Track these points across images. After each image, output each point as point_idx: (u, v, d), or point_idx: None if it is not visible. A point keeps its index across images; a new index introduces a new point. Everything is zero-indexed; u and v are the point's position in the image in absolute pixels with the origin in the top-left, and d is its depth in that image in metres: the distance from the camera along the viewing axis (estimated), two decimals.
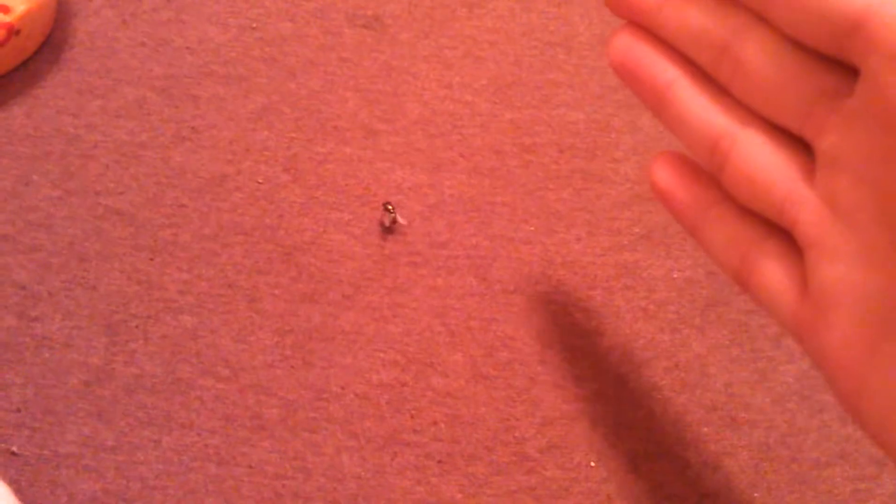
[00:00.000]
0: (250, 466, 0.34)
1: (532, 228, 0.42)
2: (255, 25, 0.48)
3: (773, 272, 0.27)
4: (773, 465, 0.36)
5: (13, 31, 0.43)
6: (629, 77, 0.30)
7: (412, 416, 0.36)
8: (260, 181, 0.42)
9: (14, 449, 0.34)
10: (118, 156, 0.42)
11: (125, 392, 0.35)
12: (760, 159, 0.27)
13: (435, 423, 0.36)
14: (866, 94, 0.23)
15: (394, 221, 0.41)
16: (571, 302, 0.40)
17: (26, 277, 0.38)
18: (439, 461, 0.35)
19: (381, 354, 0.37)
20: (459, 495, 0.35)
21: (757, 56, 0.26)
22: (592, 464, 0.36)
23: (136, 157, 0.42)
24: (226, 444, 0.34)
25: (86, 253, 0.39)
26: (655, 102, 0.30)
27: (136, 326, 0.37)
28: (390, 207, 0.40)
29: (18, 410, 0.34)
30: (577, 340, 0.39)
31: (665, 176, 0.31)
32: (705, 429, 0.37)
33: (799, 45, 0.25)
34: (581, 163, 0.44)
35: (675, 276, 0.41)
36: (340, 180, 0.42)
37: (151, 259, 0.39)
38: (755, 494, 0.36)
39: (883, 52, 0.22)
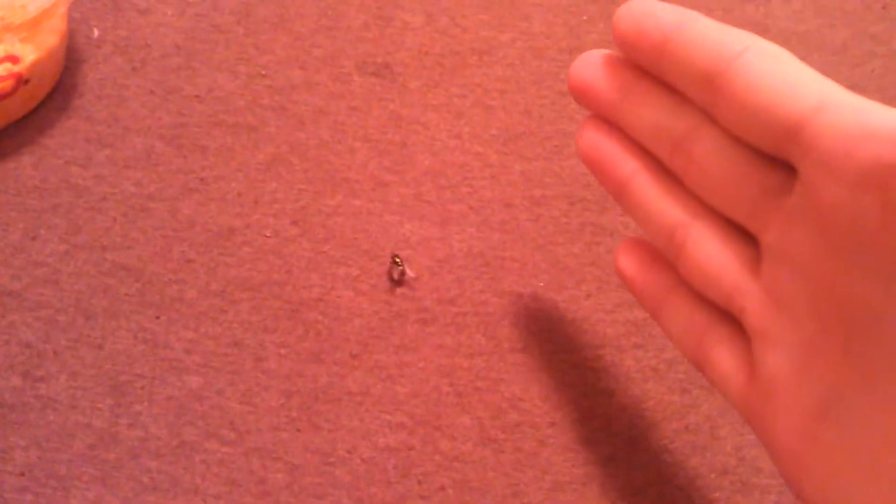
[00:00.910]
0: None
1: (541, 284, 0.41)
2: (264, 73, 0.48)
3: (723, 357, 0.29)
4: None
5: (22, 81, 0.43)
6: (594, 168, 0.33)
7: (419, 482, 0.36)
8: (268, 234, 0.42)
9: None
10: (126, 208, 0.42)
11: (130, 456, 0.35)
12: (710, 251, 0.29)
13: (442, 488, 0.35)
14: (802, 195, 0.25)
15: (402, 274, 0.40)
16: (581, 361, 0.39)
17: (32, 336, 0.38)
18: None
19: (388, 416, 0.37)
20: None
21: (706, 153, 0.28)
22: None
23: (144, 209, 0.42)
24: None
25: (92, 310, 0.38)
26: (617, 192, 0.32)
27: (142, 387, 0.37)
28: (398, 260, 0.40)
29: (22, 474, 0.34)
30: (586, 401, 0.38)
31: (627, 262, 0.33)
32: (717, 494, 0.37)
33: (745, 145, 0.27)
34: (592, 216, 0.44)
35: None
36: (349, 234, 0.42)
37: (158, 317, 0.39)
38: None
39: (816, 157, 0.24)
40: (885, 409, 0.23)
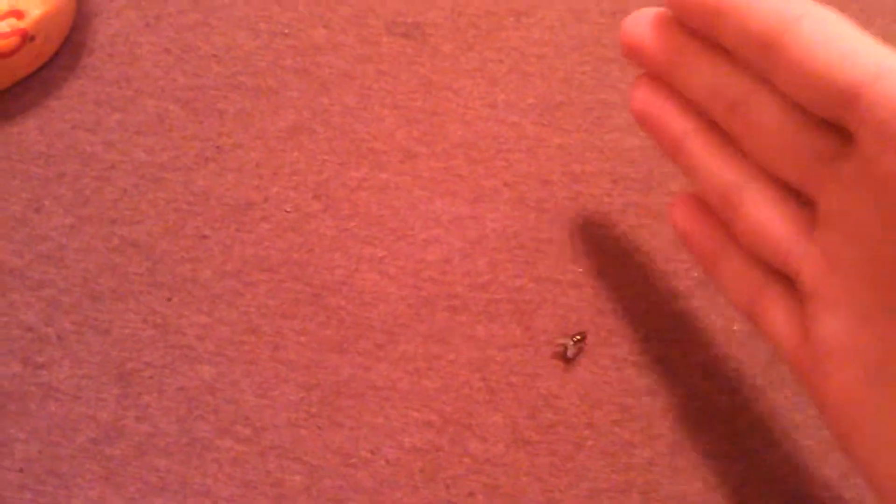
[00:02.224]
0: None
1: (581, 270, 0.38)
2: (287, 31, 0.45)
3: (777, 315, 0.29)
4: None
5: (27, 38, 0.40)
6: (648, 126, 0.33)
7: (447, 487, 0.33)
8: (288, 210, 0.39)
9: None
10: (136, 178, 0.39)
11: (136, 452, 0.33)
12: (765, 213, 0.29)
13: (471, 494, 0.33)
14: (859, 162, 0.25)
15: (579, 351, 0.37)
16: (623, 356, 0.36)
17: (33, 318, 0.35)
18: None
19: (415, 414, 0.34)
20: None
21: (762, 116, 0.28)
22: None
23: (156, 179, 0.39)
24: None
25: (99, 291, 0.36)
26: (672, 151, 0.32)
27: (151, 377, 0.34)
28: (579, 338, 0.36)
29: (21, 470, 0.32)
30: (628, 400, 0.36)
31: (682, 216, 0.33)
32: (764, 502, 0.34)
33: (802, 109, 0.27)
34: (635, 196, 0.41)
35: (735, 328, 0.37)
36: (375, 210, 0.39)
37: (169, 299, 0.36)
38: None
39: (873, 126, 0.24)
40: None
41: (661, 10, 0.32)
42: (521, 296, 0.38)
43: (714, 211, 0.32)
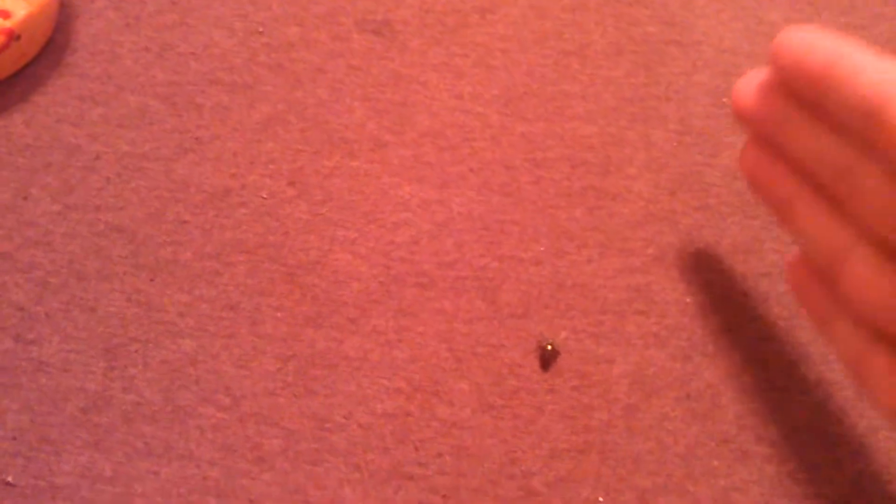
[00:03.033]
0: (250, 500, 0.33)
1: (542, 248, 0.41)
2: (261, 30, 0.47)
3: (882, 378, 0.29)
4: (784, 501, 0.35)
5: (13, 37, 0.42)
6: (757, 187, 0.34)
7: (416, 448, 0.35)
8: (264, 196, 0.41)
9: (9, 479, 0.33)
10: (120, 168, 0.41)
11: (123, 420, 0.34)
12: (870, 277, 0.29)
13: (440, 455, 0.35)
14: None
15: (556, 355, 0.39)
16: (581, 327, 0.39)
17: (24, 298, 0.37)
18: (444, 496, 0.34)
19: (386, 382, 0.36)
20: None
21: (868, 182, 0.28)
22: (601, 499, 0.35)
23: (139, 169, 0.41)
24: (225, 477, 0.34)
25: (85, 272, 0.38)
26: (780, 211, 0.33)
27: (136, 351, 0.36)
28: (551, 346, 0.38)
29: (14, 438, 0.34)
30: (586, 367, 0.38)
31: (795, 276, 0.34)
32: (716, 462, 0.36)
33: None
34: (594, 179, 0.43)
35: (687, 300, 0.40)
36: (347, 196, 0.41)
37: (152, 279, 0.38)
38: None
39: None
40: None
41: (769, 74, 0.33)
42: (486, 273, 0.40)
43: (821, 273, 0.32)
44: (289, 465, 0.34)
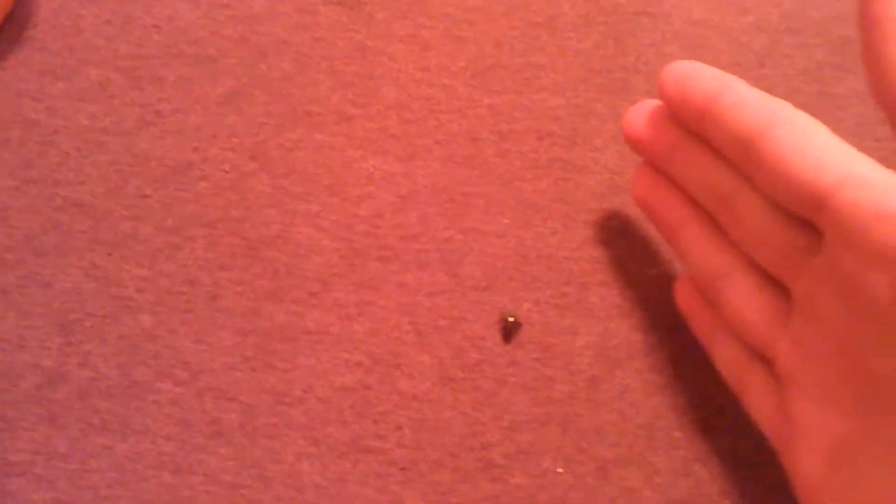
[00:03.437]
0: (206, 475, 0.33)
1: (507, 221, 0.40)
2: (226, 2, 0.46)
3: (759, 394, 0.31)
4: (744, 472, 0.35)
5: None
6: (648, 212, 0.36)
7: (375, 422, 0.35)
8: (226, 170, 0.41)
9: None
10: (80, 142, 0.41)
11: (79, 396, 0.34)
12: (746, 300, 0.31)
13: (399, 428, 0.35)
14: (827, 259, 0.27)
15: (518, 326, 0.38)
16: (545, 299, 0.38)
17: None
18: (403, 468, 0.34)
19: (346, 356, 0.36)
20: None
21: (747, 211, 0.30)
22: (560, 470, 0.35)
23: (99, 143, 0.41)
24: (182, 452, 0.34)
25: (42, 247, 0.38)
26: (669, 237, 0.35)
27: (92, 326, 0.36)
28: (512, 319, 0.38)
29: None
30: (549, 339, 0.38)
31: (683, 297, 0.36)
32: (677, 434, 0.36)
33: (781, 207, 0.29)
34: (560, 151, 0.43)
35: (652, 272, 0.39)
36: (310, 169, 0.41)
37: (110, 254, 0.38)
38: (726, 502, 0.35)
39: (837, 231, 0.26)
40: (887, 469, 0.25)
41: (660, 104, 0.34)
42: (449, 246, 0.40)
43: (705, 294, 0.34)
44: (246, 439, 0.34)
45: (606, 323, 0.38)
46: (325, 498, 0.33)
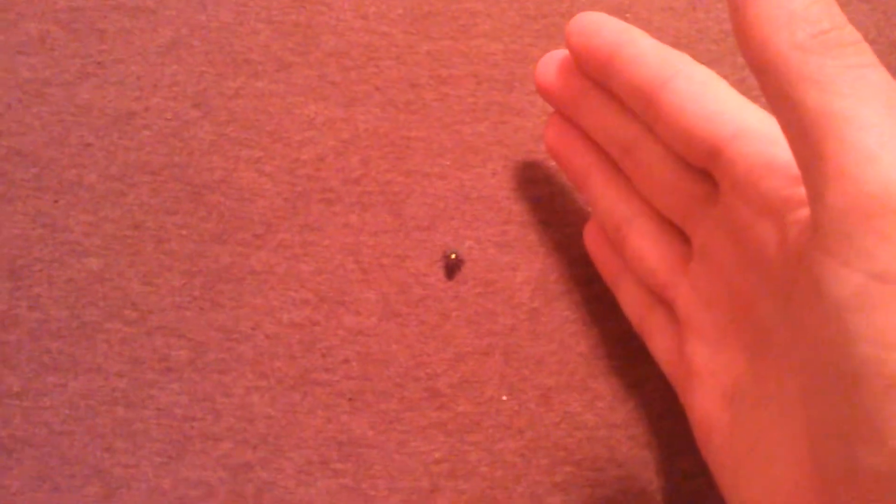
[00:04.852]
0: (159, 409, 0.34)
1: (448, 163, 0.41)
2: None
3: (659, 336, 0.33)
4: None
5: None
6: (559, 161, 0.37)
7: (323, 356, 0.36)
8: (169, 118, 0.41)
9: None
10: (21, 94, 0.41)
11: (30, 337, 0.35)
12: (648, 246, 0.33)
13: (346, 361, 0.36)
14: (722, 208, 0.29)
15: (460, 262, 0.39)
16: (486, 237, 0.40)
17: None
18: (350, 399, 0.35)
19: (293, 294, 0.37)
20: (371, 432, 0.35)
21: (648, 159, 0.32)
22: (504, 398, 0.36)
23: (40, 94, 0.41)
24: (133, 388, 0.34)
25: None
26: (578, 184, 0.37)
27: (40, 270, 0.36)
28: (454, 255, 0.39)
29: None
30: (490, 275, 0.39)
31: (590, 239, 0.37)
32: (616, 362, 0.38)
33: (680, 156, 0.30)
34: (498, 95, 0.44)
35: (588, 210, 0.41)
36: (252, 116, 0.42)
37: (56, 201, 0.38)
38: (663, 423, 0.36)
39: (730, 181, 0.28)
40: (773, 409, 0.26)
41: (568, 55, 0.35)
42: (392, 188, 0.40)
43: (611, 238, 0.35)
44: (197, 374, 0.35)
45: (545, 259, 0.39)
46: (276, 428, 0.34)
